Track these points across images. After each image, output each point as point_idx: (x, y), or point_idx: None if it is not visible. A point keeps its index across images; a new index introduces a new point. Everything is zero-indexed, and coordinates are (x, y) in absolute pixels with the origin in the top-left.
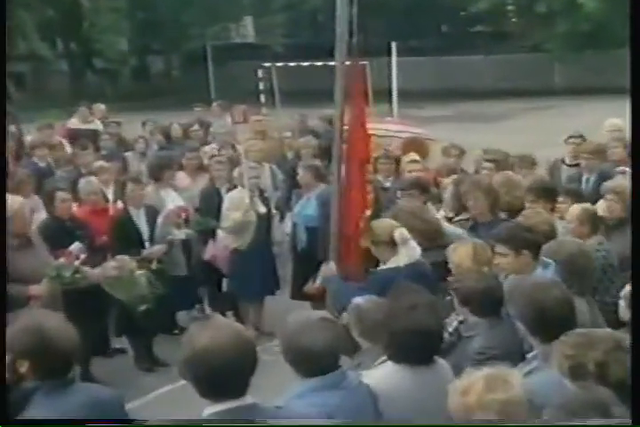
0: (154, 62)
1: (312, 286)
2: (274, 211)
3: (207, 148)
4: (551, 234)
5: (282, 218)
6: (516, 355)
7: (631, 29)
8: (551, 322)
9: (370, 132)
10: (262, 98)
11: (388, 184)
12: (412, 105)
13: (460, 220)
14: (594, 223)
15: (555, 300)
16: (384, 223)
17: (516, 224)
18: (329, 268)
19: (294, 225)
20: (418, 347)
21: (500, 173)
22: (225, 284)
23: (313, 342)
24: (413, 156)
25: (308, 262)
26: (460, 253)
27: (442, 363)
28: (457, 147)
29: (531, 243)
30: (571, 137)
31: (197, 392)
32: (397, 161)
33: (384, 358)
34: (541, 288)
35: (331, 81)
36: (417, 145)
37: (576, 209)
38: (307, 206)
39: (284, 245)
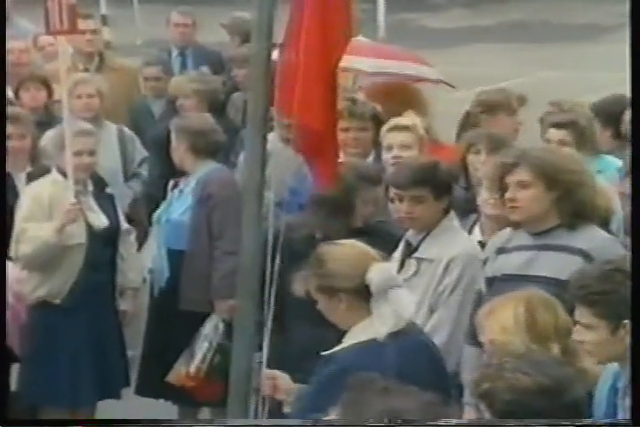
0: None
1: (184, 370)
2: (124, 224)
3: None
4: None
5: (141, 238)
6: None
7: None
8: None
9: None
10: None
11: (367, 170)
12: (417, 5)
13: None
14: None
15: None
16: (348, 249)
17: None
18: (279, 378)
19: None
20: None
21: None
22: (17, 375)
23: None
24: (403, 119)
25: (171, 319)
26: (505, 316)
27: None
28: (506, 93)
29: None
30: None
31: None
32: (377, 122)
33: None
34: None
35: None
36: (405, 94)
37: None
38: (174, 205)
39: (144, 293)
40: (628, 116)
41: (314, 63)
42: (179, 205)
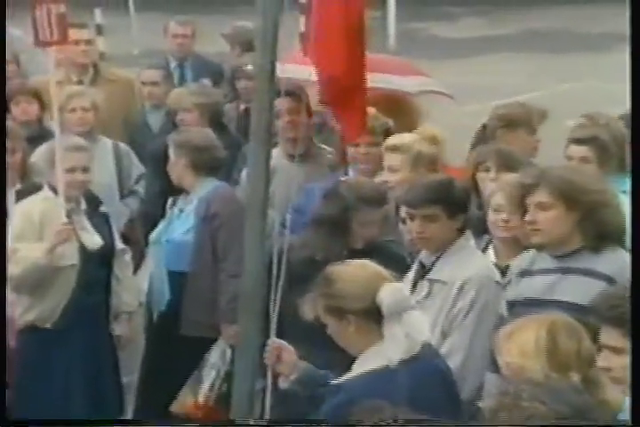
0: None
1: (192, 399)
2: (119, 244)
3: None
4: None
5: (138, 259)
6: None
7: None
8: None
9: None
10: None
11: (368, 191)
12: (428, 14)
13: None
14: None
15: None
16: (358, 269)
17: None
18: (285, 350)
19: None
20: None
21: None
22: (8, 401)
23: None
24: (395, 138)
25: (172, 345)
26: (525, 339)
27: None
28: (527, 108)
29: None
30: None
31: None
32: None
33: None
34: None
35: None
36: (397, 107)
37: None
38: (174, 225)
39: (140, 316)
40: None
41: (334, 10)
42: (180, 225)
